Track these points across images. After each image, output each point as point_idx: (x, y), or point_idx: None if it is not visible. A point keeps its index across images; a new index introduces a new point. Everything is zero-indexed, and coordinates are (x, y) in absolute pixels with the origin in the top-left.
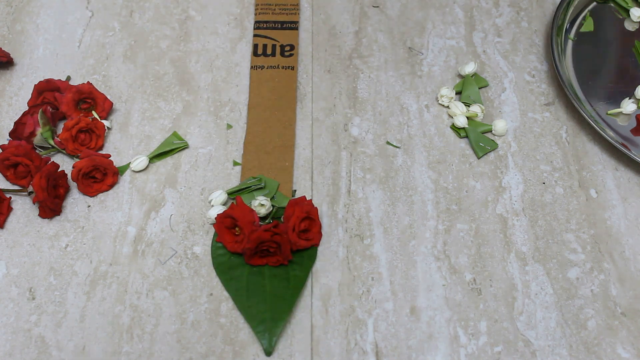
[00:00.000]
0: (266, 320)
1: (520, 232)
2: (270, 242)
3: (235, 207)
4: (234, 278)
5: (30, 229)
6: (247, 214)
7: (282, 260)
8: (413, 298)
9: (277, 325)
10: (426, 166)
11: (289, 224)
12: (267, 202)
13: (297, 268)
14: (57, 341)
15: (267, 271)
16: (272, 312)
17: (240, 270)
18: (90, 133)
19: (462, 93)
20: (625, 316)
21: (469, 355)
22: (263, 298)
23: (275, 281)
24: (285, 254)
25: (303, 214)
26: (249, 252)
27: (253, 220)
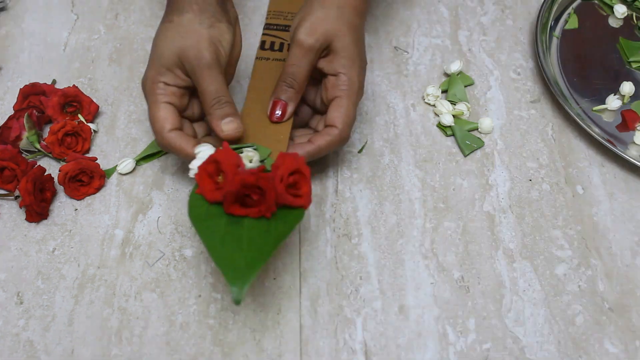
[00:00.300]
0: (240, 268)
1: (508, 230)
2: (254, 188)
3: (220, 151)
4: (210, 227)
5: (17, 233)
6: (232, 157)
7: (264, 212)
8: (401, 297)
9: (250, 273)
10: (413, 165)
11: (276, 173)
12: (255, 155)
13: (280, 224)
14: (45, 345)
15: (247, 222)
16: (246, 260)
17: (218, 220)
18: (77, 136)
19: (448, 91)
20: (612, 311)
21: (457, 352)
22: (239, 246)
23: (253, 231)
24: (269, 203)
25: (293, 166)
26: (230, 196)
27: (238, 165)
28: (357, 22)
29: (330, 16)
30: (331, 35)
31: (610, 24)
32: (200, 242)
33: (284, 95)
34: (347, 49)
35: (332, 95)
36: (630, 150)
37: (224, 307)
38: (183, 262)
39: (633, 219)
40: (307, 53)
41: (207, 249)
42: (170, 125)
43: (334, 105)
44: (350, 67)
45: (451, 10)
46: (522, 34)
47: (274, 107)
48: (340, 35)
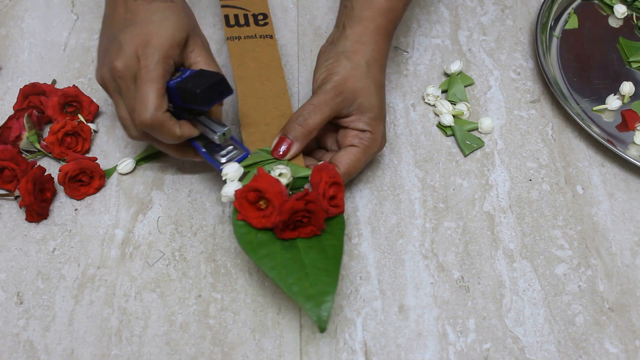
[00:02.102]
0: (313, 295)
1: (508, 230)
2: (303, 212)
3: (259, 179)
4: (267, 256)
5: (17, 233)
6: (274, 185)
7: (315, 231)
8: (401, 297)
9: (327, 300)
10: (413, 165)
11: (318, 190)
12: (287, 171)
13: (330, 237)
14: (45, 345)
15: (301, 244)
16: (317, 287)
17: (271, 247)
18: (77, 136)
19: (448, 91)
20: (612, 311)
21: (457, 352)
22: (304, 273)
23: (311, 253)
24: (319, 223)
25: (331, 179)
26: (281, 224)
27: (281, 191)
28: (382, 79)
29: (359, 74)
30: (358, 94)
31: (610, 24)
32: (205, 239)
33: (292, 134)
34: (373, 109)
35: (350, 142)
36: (630, 150)
37: (224, 307)
38: (183, 262)
39: (633, 219)
40: (330, 101)
41: (274, 280)
42: (166, 106)
43: (348, 150)
44: (375, 126)
45: (451, 10)
46: (522, 34)
47: (279, 143)
48: (368, 94)
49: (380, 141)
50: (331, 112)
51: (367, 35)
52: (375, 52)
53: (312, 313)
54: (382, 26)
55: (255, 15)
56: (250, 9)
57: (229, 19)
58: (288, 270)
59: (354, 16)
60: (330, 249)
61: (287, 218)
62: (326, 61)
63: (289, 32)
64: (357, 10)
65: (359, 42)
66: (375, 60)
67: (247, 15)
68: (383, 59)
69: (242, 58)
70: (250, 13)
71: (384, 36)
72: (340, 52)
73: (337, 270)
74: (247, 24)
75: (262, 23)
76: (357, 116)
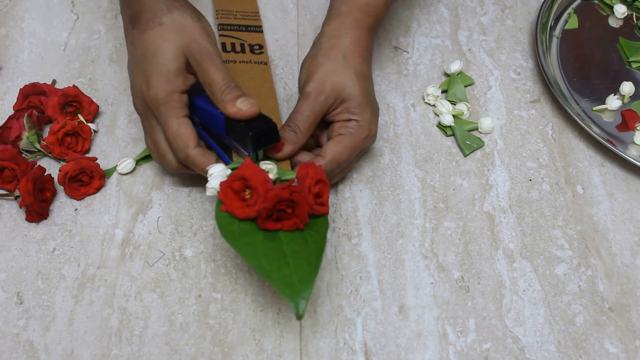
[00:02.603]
0: (293, 282)
1: (508, 229)
2: (287, 202)
3: (245, 168)
4: (249, 244)
5: (17, 233)
6: (260, 174)
7: (298, 224)
8: (401, 296)
9: (307, 288)
10: (413, 165)
11: (304, 184)
12: (273, 167)
13: (313, 234)
14: (45, 345)
15: (283, 236)
16: (298, 275)
17: (253, 237)
18: (77, 136)
19: (448, 91)
20: (612, 311)
21: (457, 352)
22: (285, 262)
23: (293, 245)
24: (303, 215)
25: (317, 176)
26: (265, 212)
27: (267, 179)
28: (364, 69)
29: (337, 68)
30: (339, 88)
31: (610, 24)
32: (205, 239)
33: (286, 136)
34: (356, 97)
35: (337, 132)
36: (630, 150)
37: (224, 307)
38: (183, 262)
39: (633, 219)
40: (313, 103)
41: (255, 269)
42: (194, 141)
43: (334, 139)
44: (360, 113)
45: (451, 10)
46: (522, 34)
47: None
48: (349, 86)
49: (369, 128)
50: (318, 114)
51: (343, 29)
52: (353, 44)
53: (291, 299)
54: (359, 20)
55: (252, 45)
56: (248, 40)
57: (225, 46)
58: (268, 258)
59: (332, 14)
60: (313, 243)
61: (271, 206)
62: (305, 62)
63: (289, 32)
64: (335, 8)
65: (334, 37)
66: (353, 53)
67: (244, 44)
68: (363, 50)
69: (237, 78)
70: (247, 43)
71: (362, 29)
72: (317, 49)
73: (319, 261)
74: (242, 51)
75: (257, 52)
76: (341, 108)
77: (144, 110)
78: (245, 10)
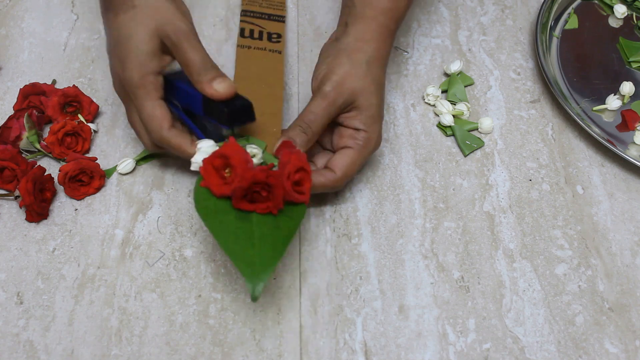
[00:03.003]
0: (255, 263)
1: (508, 229)
2: (263, 185)
3: (227, 146)
4: (221, 222)
5: (17, 233)
6: (241, 153)
7: (272, 208)
8: (401, 296)
9: (265, 271)
10: (413, 165)
11: (284, 171)
12: (258, 152)
13: (287, 220)
14: (45, 345)
15: (255, 218)
16: (260, 257)
17: (226, 215)
18: (77, 136)
19: (448, 91)
20: (612, 311)
21: (457, 352)
22: (251, 243)
23: (263, 228)
24: (277, 200)
25: (299, 164)
26: (240, 192)
27: (247, 160)
28: (382, 78)
29: (358, 73)
30: (357, 93)
31: (610, 24)
32: (205, 239)
33: (298, 139)
34: (371, 108)
35: (345, 144)
36: (630, 150)
37: (224, 307)
38: (183, 262)
39: (633, 219)
40: (329, 106)
41: (220, 245)
42: (168, 123)
43: (343, 153)
44: (371, 125)
45: (451, 10)
46: (522, 34)
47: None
48: (367, 94)
49: (376, 141)
50: (332, 116)
51: (369, 32)
52: (377, 50)
53: (249, 280)
54: (384, 25)
55: (270, 33)
56: (268, 28)
57: (244, 32)
58: (236, 238)
59: (356, 14)
60: (284, 229)
61: (246, 185)
62: (327, 58)
63: (289, 32)
64: (359, 9)
65: (361, 40)
66: (376, 59)
67: (263, 32)
68: (384, 58)
69: (247, 63)
70: (266, 31)
71: (386, 35)
72: (341, 49)
73: (284, 247)
74: (260, 39)
75: (275, 40)
76: (355, 113)
77: (122, 92)
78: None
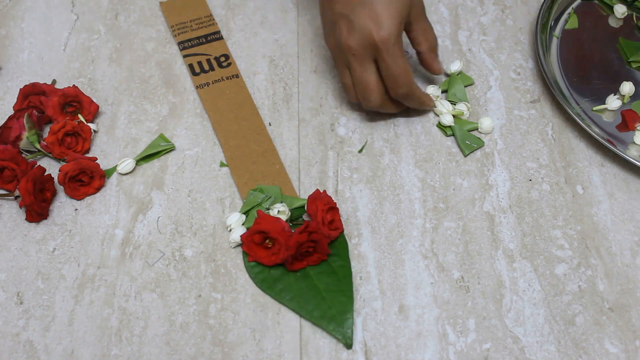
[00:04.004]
0: (334, 316)
1: (508, 229)
2: (307, 243)
3: (260, 221)
4: (284, 289)
5: (17, 233)
6: (276, 224)
7: (322, 256)
8: (401, 296)
9: (347, 317)
10: (413, 165)
11: (317, 219)
12: (284, 208)
13: (337, 259)
14: (45, 345)
15: (312, 271)
16: (336, 307)
17: (286, 280)
18: (77, 136)
19: (448, 91)
20: (612, 311)
21: (457, 352)
22: (321, 297)
23: (323, 278)
24: (324, 249)
25: (326, 206)
26: (290, 258)
27: (284, 227)
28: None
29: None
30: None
31: (610, 24)
32: (205, 239)
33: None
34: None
35: None
36: (630, 150)
37: (224, 307)
38: (183, 262)
39: (633, 219)
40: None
41: (297, 312)
42: None
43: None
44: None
45: (451, 10)
46: (522, 34)
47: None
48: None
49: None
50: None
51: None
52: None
53: (337, 332)
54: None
55: (217, 57)
56: (212, 52)
57: (193, 68)
58: (305, 298)
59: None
60: (340, 270)
61: (294, 252)
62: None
63: (289, 32)
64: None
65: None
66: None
67: (210, 59)
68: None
69: (215, 103)
70: (212, 57)
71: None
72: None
73: (351, 288)
74: (211, 69)
75: (225, 65)
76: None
77: (363, 51)
78: (199, 17)
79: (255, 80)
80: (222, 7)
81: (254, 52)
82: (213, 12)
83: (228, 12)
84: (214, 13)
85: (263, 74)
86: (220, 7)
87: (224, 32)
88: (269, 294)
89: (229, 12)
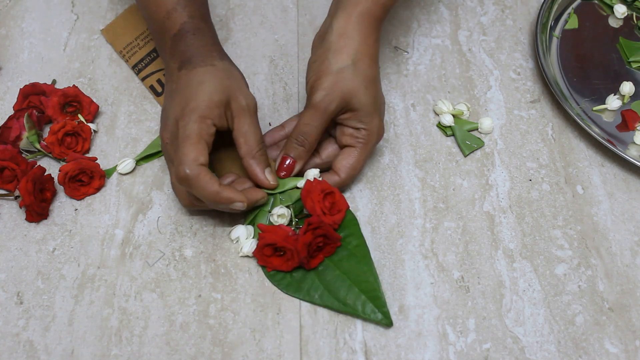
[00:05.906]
0: (367, 301)
1: (508, 230)
2: (316, 239)
3: (264, 235)
4: (311, 289)
5: (17, 233)
6: (280, 233)
7: (335, 244)
8: (401, 296)
9: (379, 297)
10: (413, 165)
11: (317, 212)
12: (283, 210)
13: (351, 239)
14: (45, 345)
15: (330, 262)
16: (365, 292)
17: (310, 279)
18: (77, 136)
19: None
20: (612, 311)
21: (457, 352)
22: (347, 285)
23: (344, 264)
24: (334, 237)
25: (321, 195)
26: (305, 259)
27: (288, 233)
28: (373, 73)
29: (346, 76)
30: (348, 97)
31: (610, 24)
32: (205, 239)
33: (294, 153)
34: (366, 106)
35: (347, 142)
36: (630, 150)
37: (224, 307)
38: (183, 262)
39: (633, 219)
40: (322, 115)
41: (331, 308)
42: (203, 160)
43: (345, 153)
44: (369, 121)
45: (451, 10)
46: (522, 34)
47: (282, 163)
48: (358, 94)
49: (377, 133)
50: (326, 124)
51: (350, 25)
52: (362, 44)
53: (375, 317)
54: (367, 11)
55: None
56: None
57: (155, 89)
58: (335, 288)
59: (339, 4)
60: (357, 251)
61: (306, 253)
62: (314, 63)
63: (289, 32)
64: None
65: (343, 37)
66: (363, 55)
67: None
68: (372, 49)
69: None
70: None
71: (370, 24)
72: (326, 49)
73: (372, 265)
74: None
75: None
76: (350, 114)
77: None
78: (143, 32)
79: (255, 80)
80: (222, 7)
81: (254, 52)
82: (213, 12)
83: (228, 12)
84: (214, 13)
85: (263, 74)
86: (220, 7)
87: (224, 32)
88: (298, 297)
89: (229, 12)
